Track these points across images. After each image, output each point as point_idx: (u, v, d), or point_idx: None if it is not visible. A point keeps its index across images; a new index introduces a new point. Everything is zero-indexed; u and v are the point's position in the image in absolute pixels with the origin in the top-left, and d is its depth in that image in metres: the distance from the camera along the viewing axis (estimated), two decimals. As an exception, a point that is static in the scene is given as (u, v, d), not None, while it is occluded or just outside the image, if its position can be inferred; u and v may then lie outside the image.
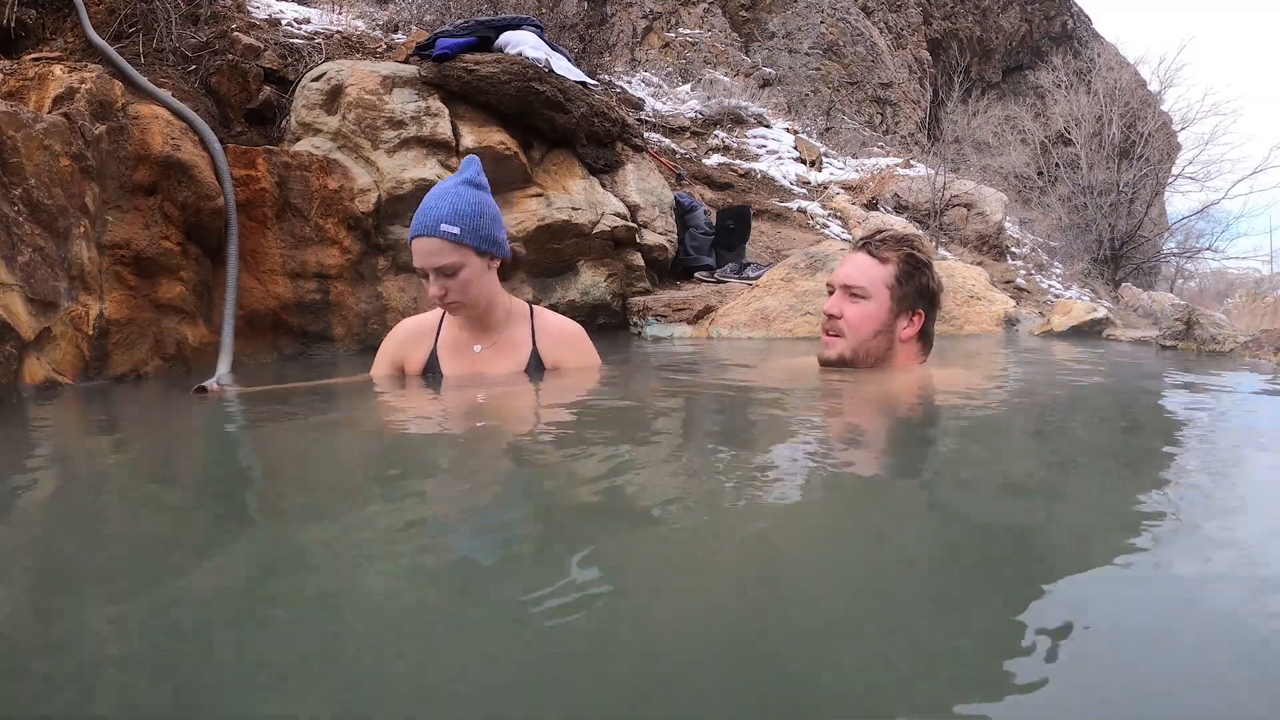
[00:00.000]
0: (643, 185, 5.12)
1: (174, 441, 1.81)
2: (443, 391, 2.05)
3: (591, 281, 4.58)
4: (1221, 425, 1.79)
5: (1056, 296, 7.01)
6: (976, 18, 14.73)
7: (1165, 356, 3.22)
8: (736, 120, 8.44)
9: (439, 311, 2.19)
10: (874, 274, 2.06)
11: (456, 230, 1.93)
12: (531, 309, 2.21)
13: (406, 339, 2.20)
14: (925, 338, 2.14)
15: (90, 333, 2.66)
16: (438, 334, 2.16)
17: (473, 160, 2.07)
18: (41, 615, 0.79)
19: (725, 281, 5.22)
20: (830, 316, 2.11)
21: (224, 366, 2.94)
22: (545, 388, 2.03)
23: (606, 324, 4.62)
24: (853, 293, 2.08)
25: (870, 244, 2.11)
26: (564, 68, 4.52)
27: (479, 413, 1.86)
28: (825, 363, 2.13)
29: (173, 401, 2.45)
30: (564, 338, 2.18)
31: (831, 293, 2.14)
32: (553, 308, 4.29)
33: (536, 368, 2.12)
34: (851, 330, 2.08)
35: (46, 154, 2.49)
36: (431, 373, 2.14)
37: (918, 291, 2.07)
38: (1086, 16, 17.07)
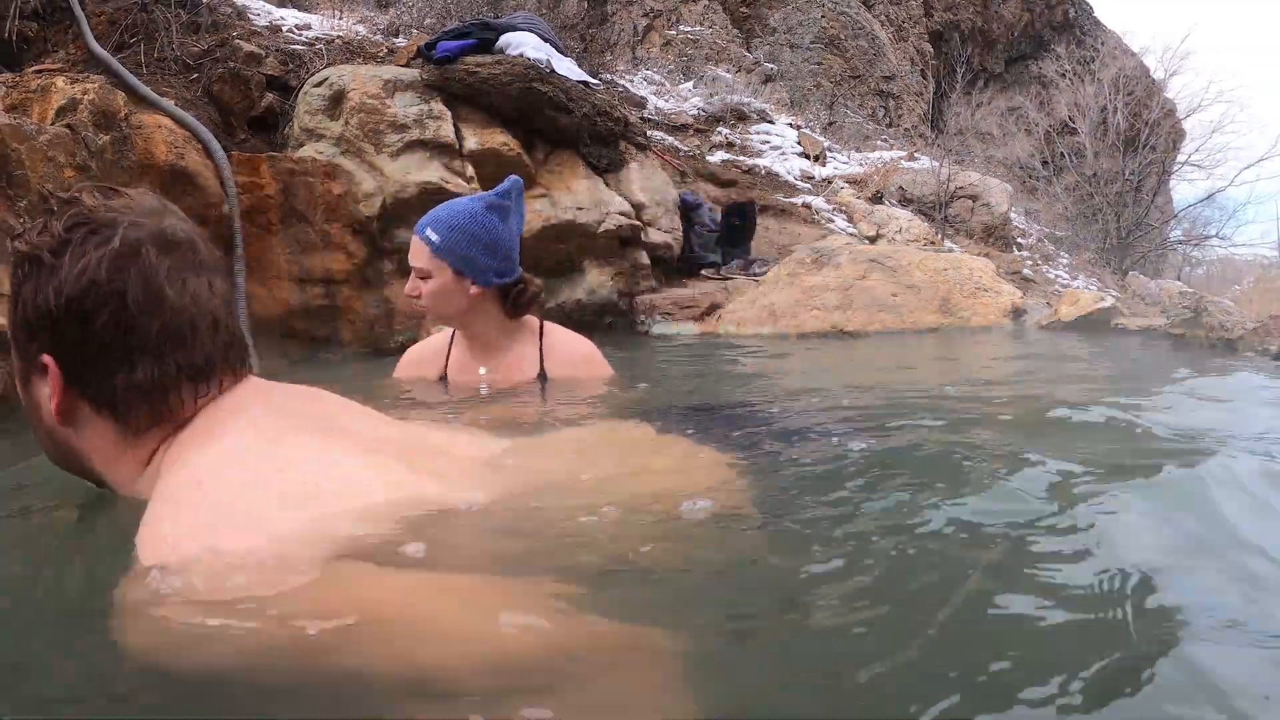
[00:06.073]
0: (647, 184, 5.11)
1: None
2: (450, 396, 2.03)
3: (597, 281, 4.57)
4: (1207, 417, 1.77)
5: (1064, 286, 6.97)
6: (977, 8, 14.66)
7: (1165, 346, 3.19)
8: (739, 116, 8.42)
9: (448, 333, 2.15)
10: None
11: (436, 239, 1.87)
12: (542, 326, 2.08)
13: (419, 362, 2.16)
14: None
15: (99, 343, 2.66)
16: (448, 354, 2.12)
17: (515, 182, 1.95)
18: (40, 618, 0.78)
19: (731, 278, 5.21)
20: None
21: None
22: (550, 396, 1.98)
23: (613, 323, 4.60)
24: None
25: None
26: (566, 68, 4.51)
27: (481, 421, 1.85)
28: None
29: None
30: (575, 359, 2.07)
31: None
32: (559, 307, 4.28)
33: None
34: None
35: (51, 165, 2.49)
36: None
37: None
38: (1088, 5, 16.96)
